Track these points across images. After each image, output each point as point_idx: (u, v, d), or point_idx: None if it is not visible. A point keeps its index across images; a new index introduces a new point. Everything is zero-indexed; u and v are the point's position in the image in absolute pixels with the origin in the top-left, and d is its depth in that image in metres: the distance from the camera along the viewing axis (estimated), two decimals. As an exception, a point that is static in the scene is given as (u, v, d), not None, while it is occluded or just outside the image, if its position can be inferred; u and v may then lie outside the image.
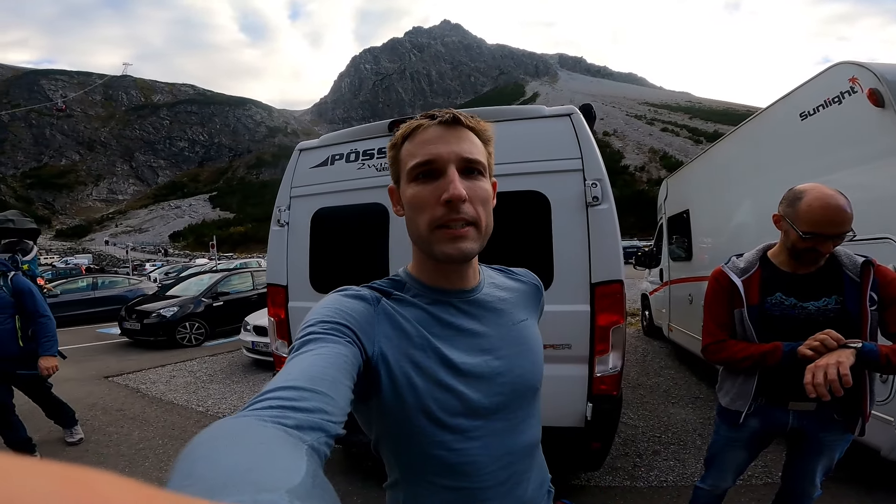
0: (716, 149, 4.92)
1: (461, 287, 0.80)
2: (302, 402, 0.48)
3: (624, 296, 2.33)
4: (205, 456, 0.35)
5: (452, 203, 0.69)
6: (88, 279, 14.01)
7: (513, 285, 0.92)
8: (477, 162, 0.73)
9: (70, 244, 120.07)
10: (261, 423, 0.43)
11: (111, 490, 0.17)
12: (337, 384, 0.54)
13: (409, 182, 0.74)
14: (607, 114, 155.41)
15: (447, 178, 0.70)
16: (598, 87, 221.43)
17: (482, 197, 0.73)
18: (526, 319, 0.87)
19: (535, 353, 0.85)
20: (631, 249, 17.98)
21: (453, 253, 0.71)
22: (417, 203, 0.72)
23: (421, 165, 0.72)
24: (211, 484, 0.31)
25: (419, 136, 0.74)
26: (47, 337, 3.46)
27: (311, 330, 0.64)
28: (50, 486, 0.16)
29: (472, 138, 0.74)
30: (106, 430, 4.39)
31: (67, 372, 6.71)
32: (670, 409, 4.45)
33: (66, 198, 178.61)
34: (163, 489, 0.20)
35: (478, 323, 0.79)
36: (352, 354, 0.62)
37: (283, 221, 2.99)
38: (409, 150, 0.74)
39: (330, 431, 0.48)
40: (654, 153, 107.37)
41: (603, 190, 2.32)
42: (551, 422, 2.34)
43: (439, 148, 0.71)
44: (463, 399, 0.72)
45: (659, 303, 7.07)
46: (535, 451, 0.87)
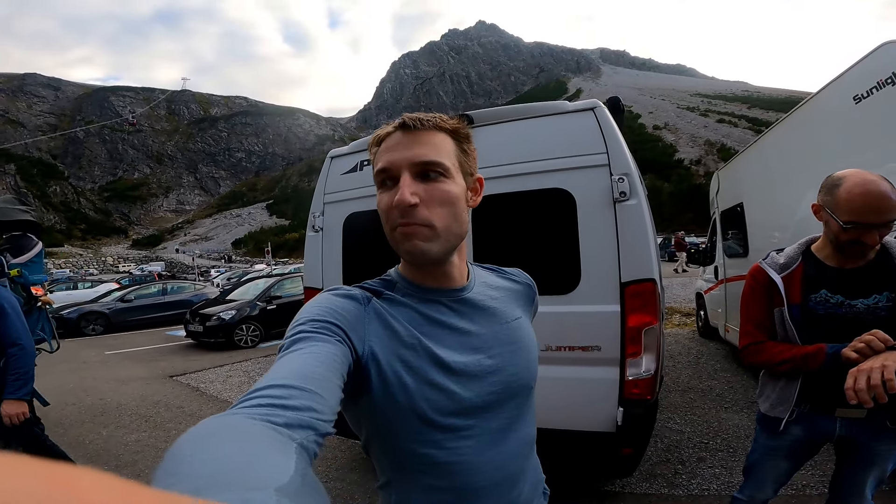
0: (768, 137, 4.61)
1: (449, 286, 0.80)
2: (291, 401, 0.47)
3: (657, 295, 2.23)
4: (192, 453, 0.34)
5: (402, 208, 0.69)
6: (159, 285, 15.15)
7: (505, 284, 0.92)
8: (434, 164, 0.72)
9: (145, 252, 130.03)
10: (250, 420, 0.43)
11: (93, 487, 0.17)
12: (327, 382, 0.54)
13: (378, 189, 0.76)
14: (657, 107, 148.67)
15: (399, 183, 0.71)
16: (645, 80, 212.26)
17: (440, 198, 0.72)
18: (519, 318, 0.86)
19: (528, 352, 0.84)
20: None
21: (412, 250, 0.71)
22: (381, 209, 0.74)
23: (381, 173, 0.74)
24: (198, 482, 0.31)
25: (385, 143, 0.75)
26: (17, 374, 2.44)
27: (302, 329, 0.64)
28: (32, 483, 0.16)
29: (432, 141, 0.74)
30: (165, 426, 4.72)
31: (138, 371, 7.32)
32: (722, 414, 4.21)
33: (140, 209, 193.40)
34: (148, 487, 0.20)
35: (469, 321, 0.79)
36: (342, 353, 0.63)
37: (317, 227, 3.10)
38: (375, 158, 0.76)
39: (319, 430, 0.47)
40: (710, 145, 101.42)
41: (631, 185, 2.24)
42: (580, 426, 2.28)
43: (394, 155, 0.72)
44: (454, 398, 0.72)
45: (714, 302, 6.71)
46: (530, 452, 0.85)
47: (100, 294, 15.81)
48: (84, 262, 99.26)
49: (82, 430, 4.66)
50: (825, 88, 3.33)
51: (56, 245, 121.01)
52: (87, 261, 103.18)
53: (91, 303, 13.49)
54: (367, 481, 3.28)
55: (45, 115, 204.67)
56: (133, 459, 3.87)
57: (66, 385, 6.55)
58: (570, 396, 2.29)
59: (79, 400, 5.75)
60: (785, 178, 4.16)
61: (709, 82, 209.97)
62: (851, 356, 1.33)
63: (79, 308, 12.71)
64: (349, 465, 3.59)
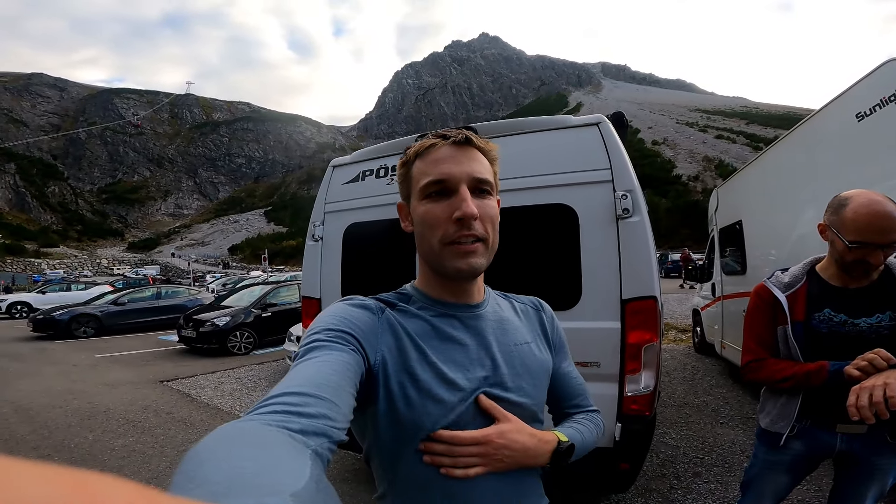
0: (768, 155, 4.63)
1: (465, 302, 0.81)
2: (306, 408, 0.48)
3: (658, 312, 2.22)
4: (209, 459, 0.35)
5: (464, 221, 0.71)
6: (154, 289, 15.02)
7: (517, 309, 0.92)
8: (486, 181, 0.75)
9: (140, 256, 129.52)
10: (265, 427, 0.44)
11: (113, 493, 0.17)
12: (341, 391, 0.55)
13: (421, 199, 0.76)
14: (656, 122, 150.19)
15: (459, 196, 0.72)
16: (645, 94, 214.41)
17: (491, 215, 0.75)
18: (529, 342, 0.85)
19: (534, 377, 0.83)
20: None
21: (464, 268, 0.73)
22: (429, 220, 0.74)
23: (434, 184, 0.74)
24: (215, 487, 0.31)
25: (431, 154, 0.76)
26: None
27: (317, 337, 0.65)
28: (53, 489, 0.16)
29: (481, 158, 0.77)
30: (154, 431, 4.64)
31: (128, 375, 7.23)
32: (717, 429, 4.20)
33: (138, 212, 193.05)
34: (166, 492, 0.20)
35: (479, 339, 0.79)
36: (355, 362, 0.63)
37: (317, 236, 3.08)
38: (421, 169, 0.76)
39: (333, 437, 0.48)
40: (708, 161, 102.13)
41: (634, 201, 2.23)
42: None
43: (452, 167, 0.73)
44: (456, 416, 0.72)
45: (711, 319, 6.71)
46: (531, 477, 0.82)
47: (93, 296, 15.68)
48: (79, 264, 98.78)
49: (68, 433, 4.58)
50: (827, 106, 3.35)
51: (51, 245, 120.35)
52: (81, 262, 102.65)
53: (83, 305, 13.35)
54: (361, 493, 3.23)
55: (49, 115, 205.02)
56: (119, 465, 3.80)
57: (55, 388, 6.46)
58: None
59: (66, 403, 5.66)
60: (785, 195, 4.16)
61: (708, 97, 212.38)
62: (854, 374, 1.33)
63: (70, 310, 12.56)
64: (342, 475, 3.54)
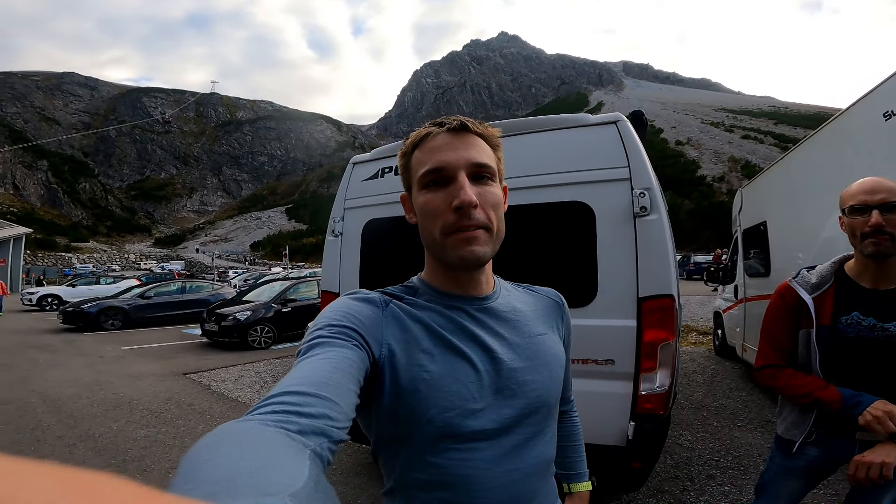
0: (794, 155, 4.52)
1: (473, 294, 0.79)
2: (306, 408, 0.48)
3: (675, 311, 2.20)
4: (208, 459, 0.35)
5: (463, 209, 0.69)
6: (178, 283, 15.46)
7: (530, 299, 0.89)
8: (486, 167, 0.73)
9: (167, 251, 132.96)
10: (264, 427, 0.44)
11: (112, 492, 0.17)
12: (342, 389, 0.54)
13: (421, 189, 0.75)
14: (679, 122, 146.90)
15: (457, 184, 0.70)
16: (668, 93, 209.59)
17: (493, 201, 0.73)
18: (542, 334, 0.83)
19: (549, 369, 0.80)
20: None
21: (467, 256, 0.71)
22: (429, 210, 0.73)
23: (431, 173, 0.73)
24: (213, 487, 0.31)
25: (428, 143, 0.75)
26: None
27: (319, 333, 0.64)
28: (51, 488, 0.16)
29: (480, 144, 0.75)
30: (175, 422, 4.78)
31: (152, 367, 7.45)
32: (735, 432, 4.14)
33: (165, 209, 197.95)
34: (166, 492, 0.20)
35: (488, 332, 0.76)
36: (359, 358, 0.62)
37: (336, 232, 3.14)
38: (419, 158, 0.75)
39: (333, 437, 0.48)
40: (734, 162, 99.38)
41: (652, 200, 2.22)
42: (589, 439, 2.24)
43: (448, 155, 0.72)
44: (465, 409, 0.70)
45: (733, 321, 6.58)
46: (546, 473, 0.81)
47: (120, 290, 16.18)
48: (108, 258, 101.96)
49: (93, 423, 4.75)
50: (854, 105, 3.27)
51: (81, 240, 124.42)
52: (110, 257, 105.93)
53: (111, 298, 13.77)
54: (372, 486, 3.27)
55: (80, 113, 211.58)
56: (140, 455, 3.92)
57: (82, 379, 6.70)
58: (581, 409, 2.26)
59: (92, 394, 5.87)
60: (811, 196, 4.06)
61: (734, 97, 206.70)
62: (867, 422, 1.36)
63: (99, 303, 12.99)
64: (354, 469, 3.60)
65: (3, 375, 6.96)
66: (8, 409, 5.23)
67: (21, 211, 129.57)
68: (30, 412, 5.12)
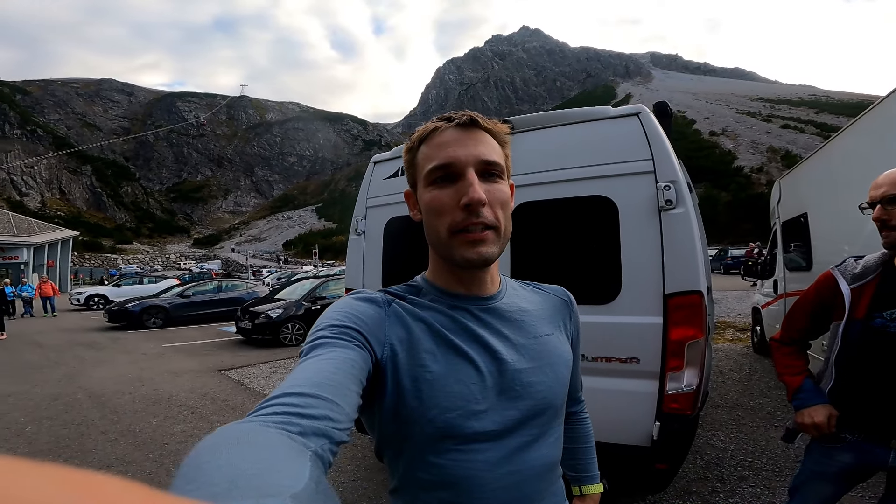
0: (834, 143, 4.29)
1: (478, 293, 0.77)
2: (308, 409, 0.48)
3: (703, 308, 2.12)
4: (209, 461, 0.35)
5: (472, 207, 0.67)
6: (215, 282, 16.01)
7: (537, 298, 0.87)
8: (495, 164, 0.71)
9: (204, 251, 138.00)
10: (265, 428, 0.43)
11: (114, 493, 0.17)
12: (344, 390, 0.53)
13: (427, 186, 0.73)
14: (713, 112, 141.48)
15: (466, 181, 0.69)
16: (700, 84, 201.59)
17: (501, 200, 0.71)
18: (549, 334, 0.81)
19: (555, 370, 0.79)
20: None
21: (473, 257, 0.69)
22: (436, 207, 0.71)
23: (439, 169, 0.71)
24: (214, 489, 0.31)
25: (436, 138, 0.73)
26: None
27: (321, 334, 0.63)
28: (53, 489, 0.16)
29: (489, 140, 0.73)
30: (210, 418, 4.96)
31: (190, 364, 7.74)
32: (771, 432, 3.98)
33: (202, 210, 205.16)
34: (166, 493, 0.20)
35: (493, 332, 0.75)
36: (361, 359, 0.62)
37: (359, 231, 3.17)
38: (426, 154, 0.73)
39: (334, 438, 0.47)
40: (773, 152, 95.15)
41: (678, 193, 2.14)
42: (612, 438, 2.21)
43: (457, 151, 0.70)
44: (467, 411, 0.70)
45: (772, 317, 6.33)
46: (550, 475, 0.79)
47: (162, 289, 16.91)
48: (150, 259, 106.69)
49: (135, 418, 4.96)
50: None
51: (126, 242, 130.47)
52: (153, 257, 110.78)
53: (153, 297, 14.39)
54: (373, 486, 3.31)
55: (120, 119, 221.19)
56: (177, 449, 4.06)
57: (125, 375, 7.02)
58: (603, 408, 2.23)
59: (134, 389, 6.15)
60: (854, 186, 3.85)
61: (771, 86, 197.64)
62: (800, 422, 1.58)
63: (142, 302, 13.58)
64: (377, 465, 3.63)
65: (52, 372, 7.37)
66: (56, 404, 5.52)
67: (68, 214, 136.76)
68: (76, 408, 5.39)
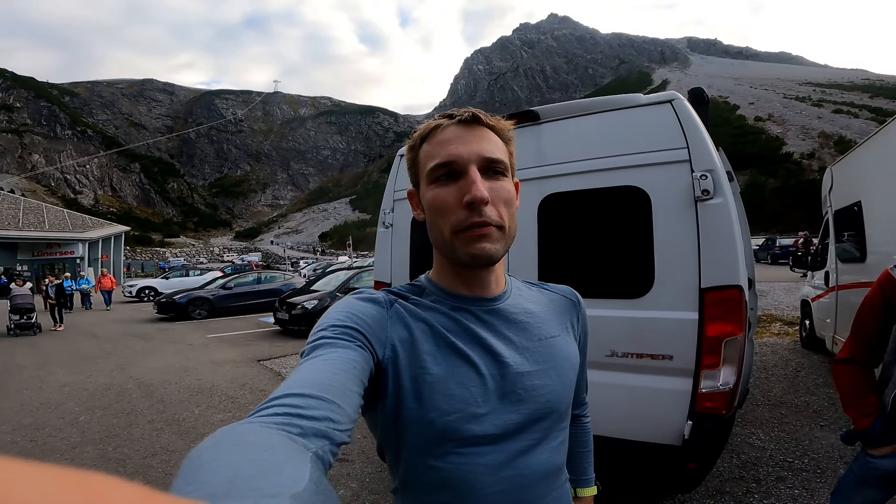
0: (891, 128, 3.99)
1: (481, 295, 0.76)
2: (308, 410, 0.47)
3: (743, 304, 2.03)
4: (209, 461, 0.35)
5: (474, 205, 0.66)
6: (255, 274, 16.60)
7: (543, 299, 0.85)
8: (498, 161, 0.70)
9: (245, 244, 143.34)
10: (265, 429, 0.44)
11: (113, 494, 0.17)
12: (345, 391, 0.53)
13: (429, 184, 0.72)
14: (758, 97, 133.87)
15: (468, 178, 0.67)
16: (743, 69, 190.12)
17: (505, 198, 0.70)
18: (555, 336, 0.80)
19: (560, 373, 0.77)
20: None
21: (478, 253, 0.68)
22: (438, 206, 0.70)
23: (441, 167, 0.70)
24: (214, 489, 0.31)
25: (438, 136, 0.72)
26: None
27: (322, 335, 0.63)
28: (52, 489, 0.16)
29: (492, 137, 0.72)
30: (248, 407, 5.12)
31: (231, 354, 8.06)
32: (816, 432, 3.79)
33: (242, 204, 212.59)
34: (166, 493, 0.20)
35: (495, 335, 0.74)
36: (362, 359, 0.61)
37: (387, 224, 3.20)
38: (428, 152, 0.72)
39: (335, 440, 0.47)
40: (826, 138, 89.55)
41: (715, 182, 2.05)
42: (640, 436, 2.16)
43: (459, 148, 0.69)
44: (467, 414, 0.69)
45: (823, 311, 6.00)
46: (554, 480, 0.77)
47: (206, 281, 17.63)
48: (196, 252, 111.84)
49: (179, 408, 5.21)
50: None
51: (173, 236, 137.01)
52: (198, 250, 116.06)
53: (198, 289, 15.00)
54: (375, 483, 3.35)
55: (163, 117, 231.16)
56: (215, 439, 4.27)
57: (172, 365, 7.40)
58: (633, 405, 2.18)
59: (180, 379, 6.46)
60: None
61: (821, 70, 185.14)
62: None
63: (188, 293, 14.22)
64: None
65: (106, 362, 7.84)
66: (108, 394, 5.84)
67: (120, 210, 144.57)
68: (126, 397, 5.69)
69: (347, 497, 3.12)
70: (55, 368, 7.46)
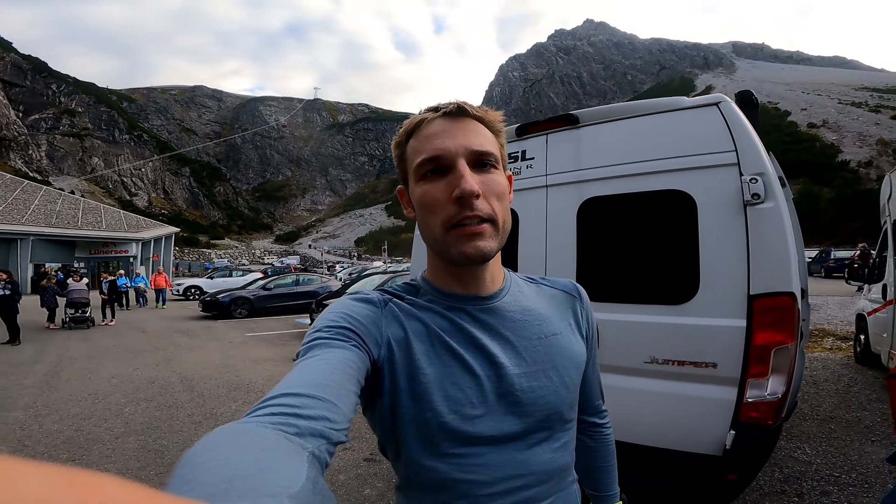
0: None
1: (476, 293, 0.73)
2: (305, 410, 0.47)
3: (795, 312, 1.94)
4: (205, 461, 0.35)
5: (465, 199, 0.64)
6: (293, 276, 17.14)
7: (544, 295, 0.82)
8: (488, 154, 0.68)
9: (285, 247, 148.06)
10: (262, 429, 0.43)
11: (112, 492, 0.17)
12: (341, 390, 0.53)
13: (418, 181, 0.69)
14: (811, 103, 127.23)
15: (457, 172, 0.65)
16: (793, 73, 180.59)
17: (497, 191, 0.68)
18: (557, 334, 0.77)
19: (561, 373, 0.74)
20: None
21: (471, 252, 0.65)
22: (428, 202, 0.68)
23: (428, 162, 0.67)
24: (211, 489, 0.31)
25: (424, 130, 0.69)
26: None
27: (318, 335, 0.62)
28: (50, 488, 0.16)
29: (480, 129, 0.69)
30: (282, 407, 5.33)
31: (269, 353, 8.33)
32: (866, 447, 3.60)
33: (283, 208, 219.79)
34: (163, 493, 0.20)
35: (492, 333, 0.72)
36: (358, 359, 0.61)
37: None
38: (415, 147, 0.70)
39: (332, 439, 0.47)
40: (884, 145, 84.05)
41: (767, 186, 1.97)
42: (680, 446, 2.09)
43: (446, 142, 0.66)
44: (462, 414, 0.68)
45: (880, 326, 5.66)
46: (559, 481, 0.75)
47: (248, 282, 18.35)
48: (239, 254, 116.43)
49: (217, 402, 5.39)
50: None
51: (219, 238, 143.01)
52: (241, 252, 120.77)
53: (240, 289, 15.63)
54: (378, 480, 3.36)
55: (212, 123, 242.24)
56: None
57: (213, 361, 7.70)
58: (673, 414, 2.11)
59: (220, 375, 6.70)
60: None
61: (878, 75, 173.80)
62: None
63: (231, 293, 14.84)
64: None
65: (153, 357, 8.22)
66: (152, 387, 6.08)
67: (171, 212, 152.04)
68: (169, 391, 5.89)
69: (374, 496, 3.14)
70: (105, 361, 7.85)
